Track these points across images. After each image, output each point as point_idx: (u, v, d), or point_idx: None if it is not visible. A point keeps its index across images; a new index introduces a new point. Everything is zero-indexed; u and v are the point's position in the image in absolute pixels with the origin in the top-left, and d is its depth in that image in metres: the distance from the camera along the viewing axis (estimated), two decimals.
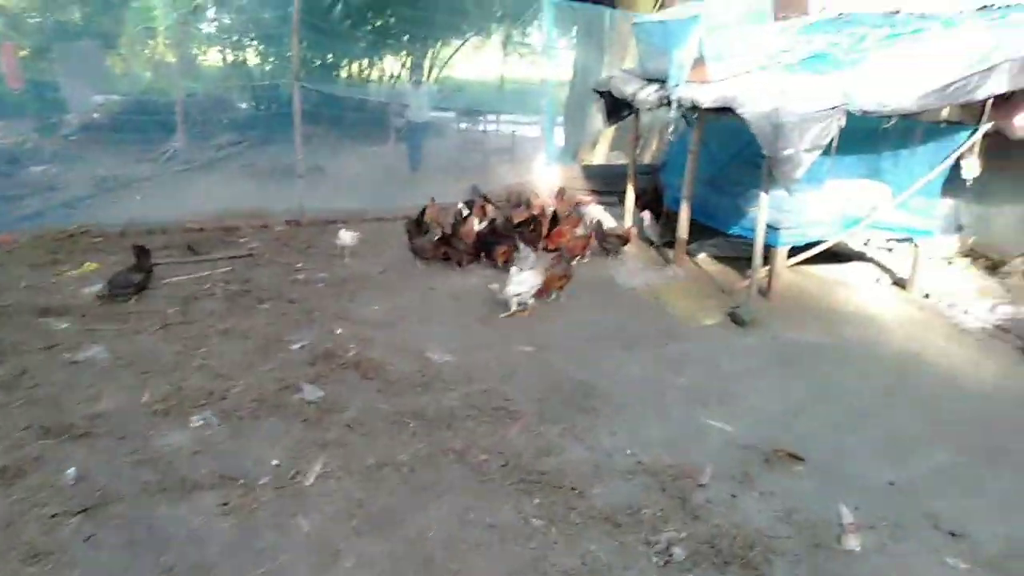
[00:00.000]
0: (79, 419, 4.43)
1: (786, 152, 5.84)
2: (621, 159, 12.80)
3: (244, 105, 17.89)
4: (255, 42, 17.26)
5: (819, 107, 5.77)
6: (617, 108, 9.42)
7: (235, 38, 17.34)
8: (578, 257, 7.72)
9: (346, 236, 7.90)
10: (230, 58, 18.32)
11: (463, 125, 14.78)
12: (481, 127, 14.58)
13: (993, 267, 7.60)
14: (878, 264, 8.05)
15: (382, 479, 3.96)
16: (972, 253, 7.98)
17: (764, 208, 6.46)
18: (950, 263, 7.79)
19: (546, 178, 11.36)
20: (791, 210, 7.04)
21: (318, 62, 17.40)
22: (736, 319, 6.45)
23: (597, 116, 12.43)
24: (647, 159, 12.81)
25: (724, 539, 3.51)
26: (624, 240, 8.35)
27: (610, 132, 12.84)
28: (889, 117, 6.13)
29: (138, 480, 3.88)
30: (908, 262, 7.59)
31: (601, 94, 9.44)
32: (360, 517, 3.64)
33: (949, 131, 7.11)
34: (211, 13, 17.89)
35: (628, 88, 8.40)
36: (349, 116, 16.23)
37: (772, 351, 5.91)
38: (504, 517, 3.67)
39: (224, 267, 7.44)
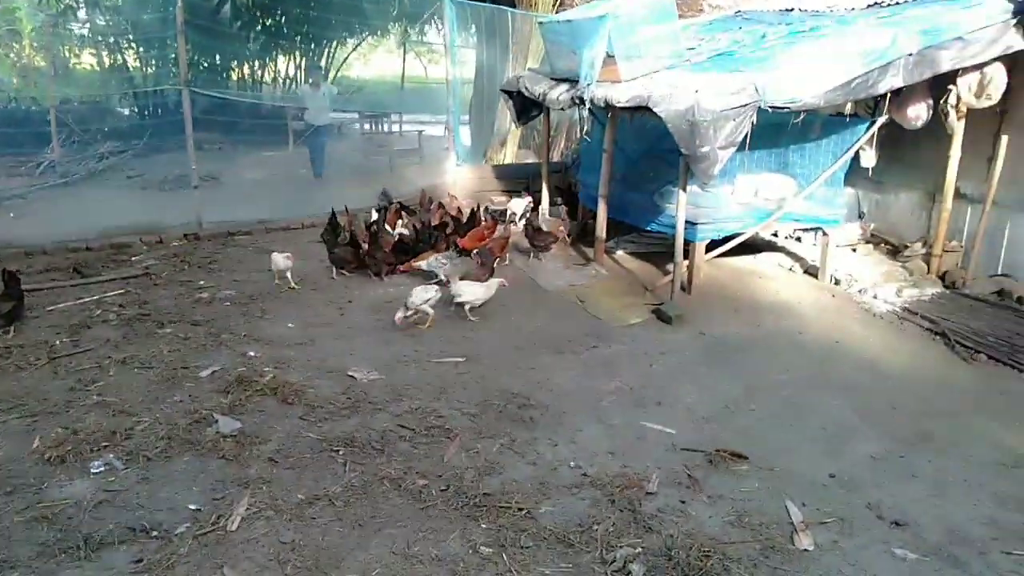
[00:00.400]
0: None
1: (703, 149, 5.86)
2: (530, 158, 12.74)
3: (127, 111, 16.75)
4: (134, 44, 16.14)
5: (732, 104, 5.83)
6: (527, 108, 9.33)
7: (111, 40, 16.16)
8: (498, 259, 7.54)
9: (280, 260, 6.95)
10: (107, 61, 17.08)
11: (366, 127, 14.31)
12: (386, 128, 14.17)
13: (894, 252, 7.95)
14: (789, 253, 8.29)
15: (314, 516, 3.66)
16: (873, 239, 8.33)
17: (683, 205, 6.49)
18: (854, 250, 8.10)
19: (457, 179, 11.14)
20: (707, 205, 7.13)
21: (206, 64, 16.49)
22: (662, 316, 6.45)
23: (504, 115, 12.34)
24: (556, 157, 12.80)
25: (680, 550, 3.41)
26: (554, 239, 8.22)
27: (518, 131, 12.74)
28: (797, 113, 6.29)
29: (34, 541, 3.41)
30: (817, 250, 7.84)
31: (510, 94, 9.31)
32: (294, 562, 3.33)
33: (849, 124, 7.39)
34: (82, 14, 16.63)
35: (538, 88, 8.30)
36: (244, 121, 15.46)
37: (700, 347, 5.94)
38: (451, 547, 3.45)
39: (117, 289, 6.83)
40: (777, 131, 7.39)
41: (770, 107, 5.91)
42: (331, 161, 12.55)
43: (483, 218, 8.63)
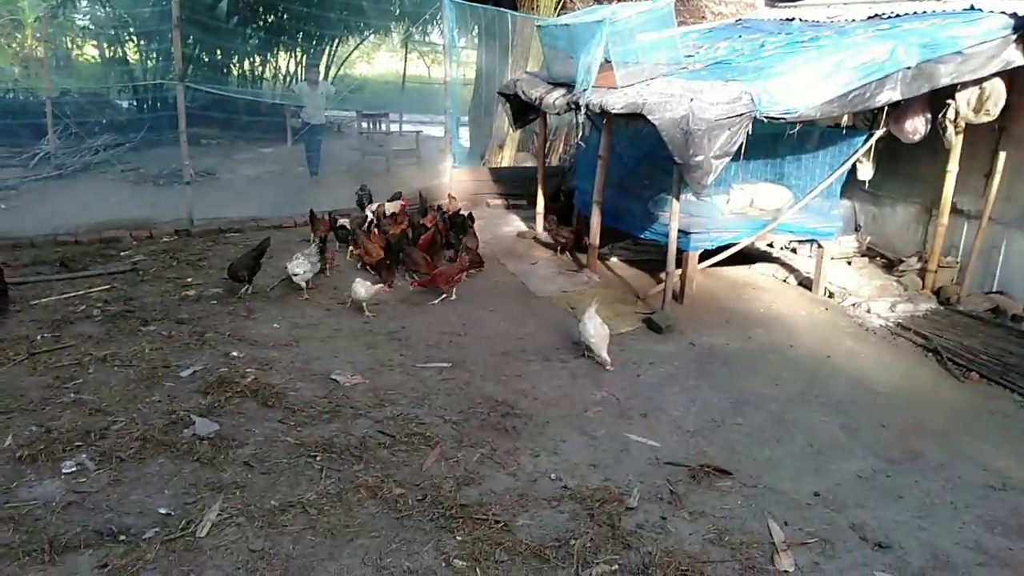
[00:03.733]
0: None
1: (697, 159, 5.80)
2: (528, 161, 12.68)
3: (125, 104, 16.69)
4: (134, 37, 16.08)
5: (728, 114, 5.76)
6: (524, 111, 9.29)
7: (112, 32, 16.11)
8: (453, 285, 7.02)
9: (361, 290, 6.38)
10: (107, 54, 17.03)
11: (364, 126, 14.23)
12: (383, 128, 14.09)
13: (889, 266, 7.89)
14: (784, 265, 8.22)
15: (287, 524, 3.58)
16: (869, 252, 8.27)
17: (676, 213, 6.42)
18: (849, 263, 8.03)
19: (454, 181, 11.07)
20: (700, 215, 7.08)
21: (206, 60, 16.44)
22: (652, 326, 6.38)
23: (503, 118, 12.29)
24: (553, 161, 12.74)
25: (657, 568, 3.35)
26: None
27: (516, 134, 12.69)
28: (793, 124, 6.23)
29: None
30: (811, 262, 7.77)
31: (507, 97, 9.25)
32: (262, 571, 3.25)
33: (846, 136, 7.33)
34: (83, 4, 16.58)
35: (535, 92, 8.24)
36: (241, 118, 15.41)
37: (689, 358, 5.87)
38: (424, 560, 3.38)
39: (103, 284, 6.75)
40: (773, 141, 7.35)
41: (766, 117, 5.85)
42: (327, 160, 12.51)
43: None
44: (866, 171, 7.39)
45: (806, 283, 7.64)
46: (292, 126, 14.39)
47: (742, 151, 5.96)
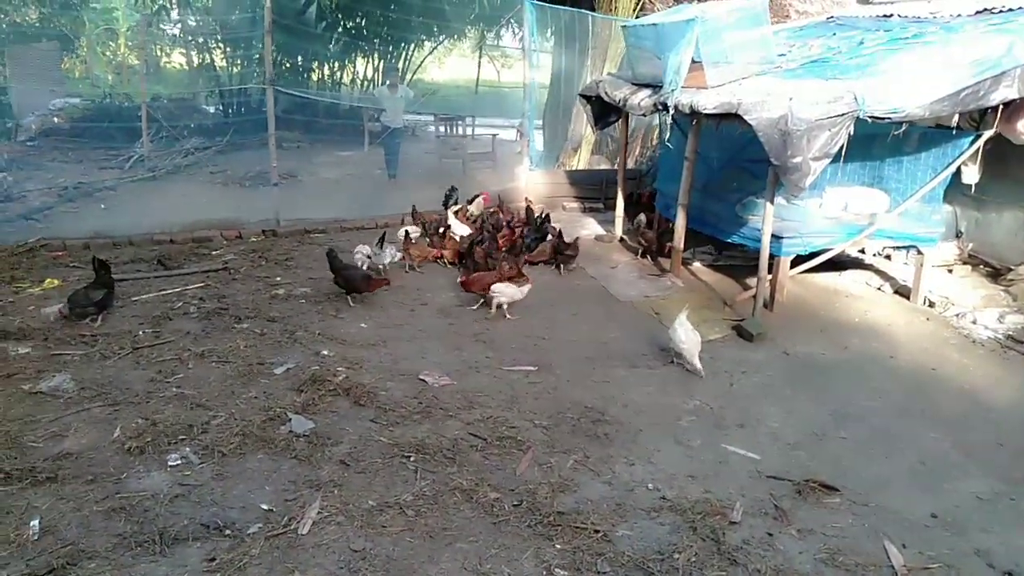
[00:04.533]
0: (42, 461, 3.98)
1: (795, 160, 5.59)
2: (603, 164, 12.54)
3: (212, 109, 17.34)
4: (222, 44, 16.67)
5: (829, 114, 5.54)
6: (605, 113, 9.16)
7: (200, 40, 16.74)
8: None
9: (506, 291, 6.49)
10: (196, 60, 17.71)
11: (441, 129, 14.36)
12: (459, 131, 14.19)
13: (995, 274, 7.44)
14: (877, 272, 7.87)
15: (385, 524, 3.59)
16: (971, 260, 7.83)
17: (769, 217, 6.21)
18: (950, 271, 7.63)
19: (529, 184, 11.05)
20: (793, 219, 6.83)
21: (288, 64, 16.91)
22: (743, 333, 6.18)
23: (579, 120, 12.20)
24: (629, 164, 12.56)
25: None
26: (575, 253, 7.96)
27: (592, 137, 12.57)
28: (898, 124, 5.94)
29: (112, 532, 3.45)
30: (908, 270, 7.41)
31: (588, 99, 9.15)
32: (364, 571, 3.26)
33: (950, 136, 6.94)
34: (175, 14, 17.30)
35: (618, 93, 8.12)
36: (322, 121, 15.80)
37: (784, 367, 5.66)
38: (525, 567, 3.32)
39: (197, 283, 6.98)
40: (870, 142, 7.03)
41: (869, 117, 5.60)
42: (405, 163, 12.68)
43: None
44: (972, 174, 6.98)
45: (903, 291, 7.28)
46: (369, 130, 14.69)
47: (842, 153, 5.72)
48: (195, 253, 7.97)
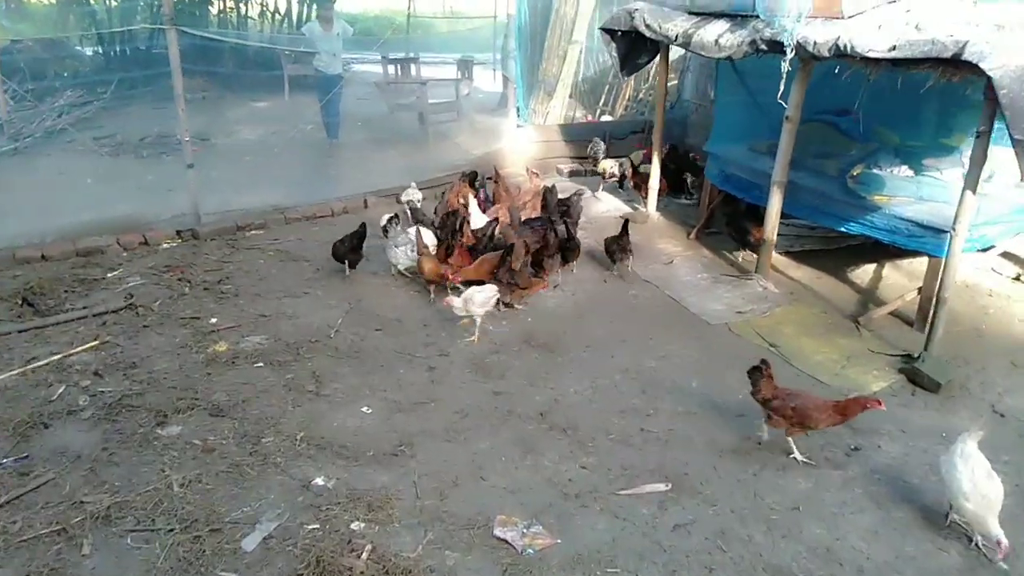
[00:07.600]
0: None
1: None
2: (577, 112, 10.18)
3: (90, 52, 13.89)
4: None
5: None
6: (635, 52, 6.92)
7: None
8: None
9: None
10: None
11: (391, 72, 11.64)
12: (412, 74, 11.54)
13: None
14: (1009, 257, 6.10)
15: None
16: None
17: (969, 209, 4.22)
18: None
19: (516, 145, 8.77)
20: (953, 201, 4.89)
21: None
22: (918, 380, 4.29)
23: (552, 58, 9.81)
24: (618, 113, 10.35)
25: None
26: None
27: (569, 79, 10.08)
28: None
29: None
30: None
31: (612, 34, 6.87)
32: None
33: None
34: None
35: (671, 26, 5.93)
36: (228, 67, 12.81)
37: (1013, 442, 3.79)
38: None
39: (87, 337, 4.54)
40: None
41: None
42: (346, 119, 9.94)
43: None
44: None
45: None
46: (289, 75, 11.87)
47: None
48: (80, 280, 5.41)
